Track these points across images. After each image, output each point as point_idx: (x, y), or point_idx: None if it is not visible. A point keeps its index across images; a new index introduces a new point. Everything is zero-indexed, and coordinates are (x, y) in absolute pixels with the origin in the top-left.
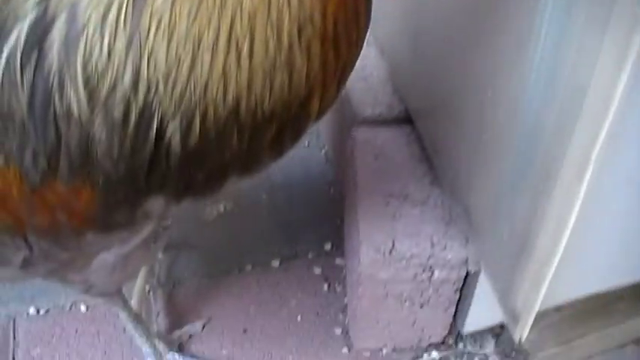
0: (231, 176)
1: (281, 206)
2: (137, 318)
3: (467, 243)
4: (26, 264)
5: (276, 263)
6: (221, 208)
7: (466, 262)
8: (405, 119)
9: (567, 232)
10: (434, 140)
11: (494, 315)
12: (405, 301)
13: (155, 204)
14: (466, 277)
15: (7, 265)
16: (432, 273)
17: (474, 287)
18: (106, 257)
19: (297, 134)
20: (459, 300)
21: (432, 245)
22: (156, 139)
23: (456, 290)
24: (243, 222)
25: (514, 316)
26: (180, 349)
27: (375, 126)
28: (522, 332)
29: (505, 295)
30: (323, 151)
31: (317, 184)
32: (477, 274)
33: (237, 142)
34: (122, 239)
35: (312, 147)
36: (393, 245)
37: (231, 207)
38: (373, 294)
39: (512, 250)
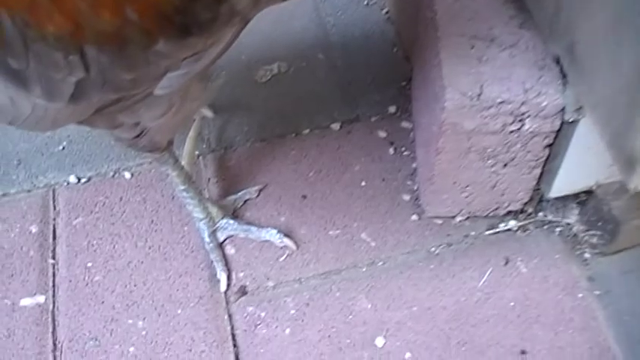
0: None
1: (340, 67)
2: (188, 179)
3: (564, 90)
4: (78, 94)
5: (336, 126)
6: (275, 69)
7: (562, 110)
8: None
9: None
10: None
11: (584, 178)
12: (489, 158)
13: None
14: (558, 131)
15: (56, 97)
16: (523, 123)
17: (567, 143)
18: (176, 76)
19: None
20: (546, 160)
21: (525, 91)
22: None
23: (546, 146)
24: (300, 83)
25: (631, 161)
26: (235, 215)
27: None
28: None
29: (620, 136)
30: (384, 11)
31: (378, 44)
32: (573, 124)
33: None
34: (194, 51)
35: (371, 6)
36: (482, 90)
37: (286, 68)
38: (454, 148)
39: (636, 80)
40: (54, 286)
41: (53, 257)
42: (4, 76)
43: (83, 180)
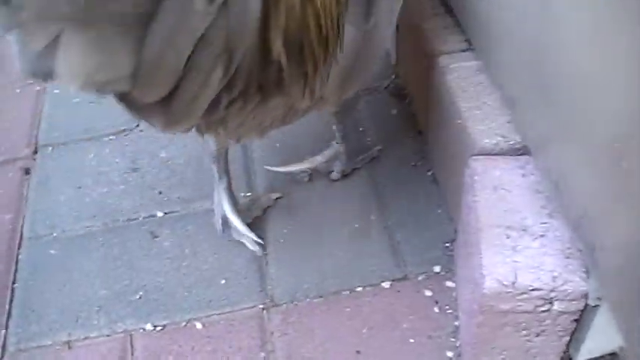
0: None
1: (390, 227)
2: None
3: (587, 277)
4: None
5: (386, 285)
6: None
7: (586, 296)
8: (520, 149)
9: None
10: (554, 175)
11: (609, 344)
12: (523, 330)
13: None
14: (584, 308)
15: None
16: (552, 305)
17: (592, 319)
18: None
19: None
20: (573, 331)
21: (553, 279)
22: None
23: (573, 320)
24: (354, 242)
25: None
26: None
27: (491, 156)
28: None
29: (630, 335)
30: (430, 173)
31: (424, 204)
32: (596, 307)
33: None
34: None
35: (418, 167)
36: (516, 278)
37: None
38: (492, 323)
39: None
40: None
41: None
42: None
43: (158, 328)
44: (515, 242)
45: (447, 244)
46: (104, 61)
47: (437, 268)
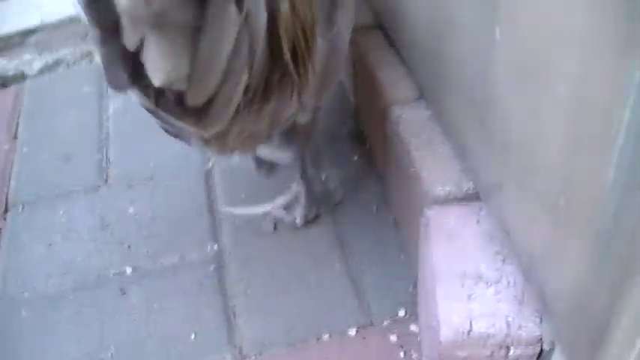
0: None
1: (354, 273)
2: None
3: (540, 322)
4: None
5: (352, 332)
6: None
7: (540, 340)
8: (473, 196)
9: None
10: (505, 223)
11: None
12: None
13: None
14: (540, 352)
15: None
16: (508, 350)
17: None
18: None
19: None
20: None
21: (508, 325)
22: None
23: None
24: (320, 291)
25: None
26: None
27: (445, 204)
28: None
29: None
30: (391, 218)
31: (387, 249)
32: (551, 350)
33: None
34: None
35: (380, 212)
36: (471, 326)
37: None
38: None
39: (590, 334)
40: None
41: None
42: None
43: None
44: (470, 290)
45: (411, 289)
46: (175, 63)
47: (401, 313)
